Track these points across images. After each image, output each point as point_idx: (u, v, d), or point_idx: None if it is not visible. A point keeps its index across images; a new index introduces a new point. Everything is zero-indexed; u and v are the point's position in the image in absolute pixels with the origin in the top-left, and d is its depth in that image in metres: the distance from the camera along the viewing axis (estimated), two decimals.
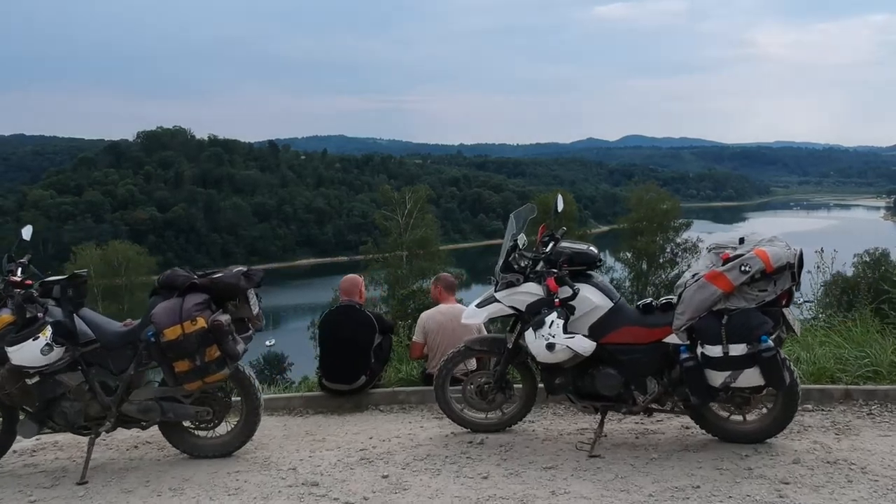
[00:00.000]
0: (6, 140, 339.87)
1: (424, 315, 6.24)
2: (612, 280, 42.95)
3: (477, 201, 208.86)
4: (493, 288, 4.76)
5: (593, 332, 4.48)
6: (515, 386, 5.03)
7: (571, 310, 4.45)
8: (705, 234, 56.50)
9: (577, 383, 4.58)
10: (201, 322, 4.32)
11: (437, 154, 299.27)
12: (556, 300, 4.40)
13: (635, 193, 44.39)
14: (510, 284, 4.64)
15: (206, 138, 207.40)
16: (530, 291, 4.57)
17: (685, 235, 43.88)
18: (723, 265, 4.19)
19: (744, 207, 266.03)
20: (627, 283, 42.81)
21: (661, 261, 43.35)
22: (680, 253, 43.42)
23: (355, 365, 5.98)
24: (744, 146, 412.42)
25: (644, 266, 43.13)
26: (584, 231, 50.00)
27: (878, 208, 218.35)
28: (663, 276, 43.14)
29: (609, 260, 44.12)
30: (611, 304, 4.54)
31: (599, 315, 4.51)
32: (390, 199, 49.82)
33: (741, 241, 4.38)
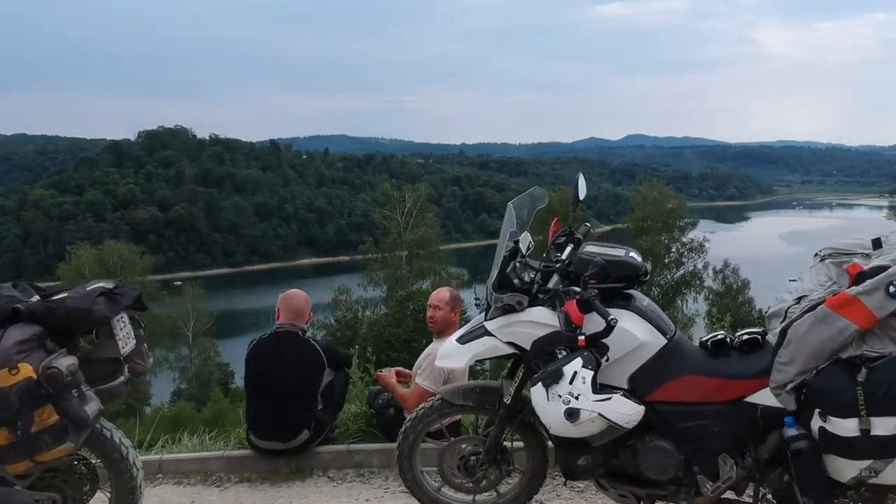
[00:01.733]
0: (8, 140, 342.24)
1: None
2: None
3: (479, 201, 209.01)
4: (483, 314, 3.22)
5: (637, 384, 2.98)
6: (516, 446, 3.49)
7: (603, 350, 2.90)
8: (709, 234, 55.22)
9: (610, 460, 3.05)
10: (26, 370, 2.82)
11: (439, 153, 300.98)
12: (581, 337, 2.82)
13: (640, 192, 43.13)
14: (508, 310, 3.08)
15: (207, 138, 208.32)
16: (539, 321, 3.02)
17: (691, 235, 42.53)
18: (854, 284, 2.62)
19: (746, 207, 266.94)
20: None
21: (666, 261, 42.15)
22: (686, 253, 42.23)
23: (294, 416, 4.42)
24: (746, 145, 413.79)
25: (649, 266, 41.76)
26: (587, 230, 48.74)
27: (880, 208, 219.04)
28: (669, 277, 41.85)
29: None
30: (663, 342, 3.00)
31: (646, 358, 2.98)
32: (390, 198, 48.80)
33: (877, 243, 2.79)
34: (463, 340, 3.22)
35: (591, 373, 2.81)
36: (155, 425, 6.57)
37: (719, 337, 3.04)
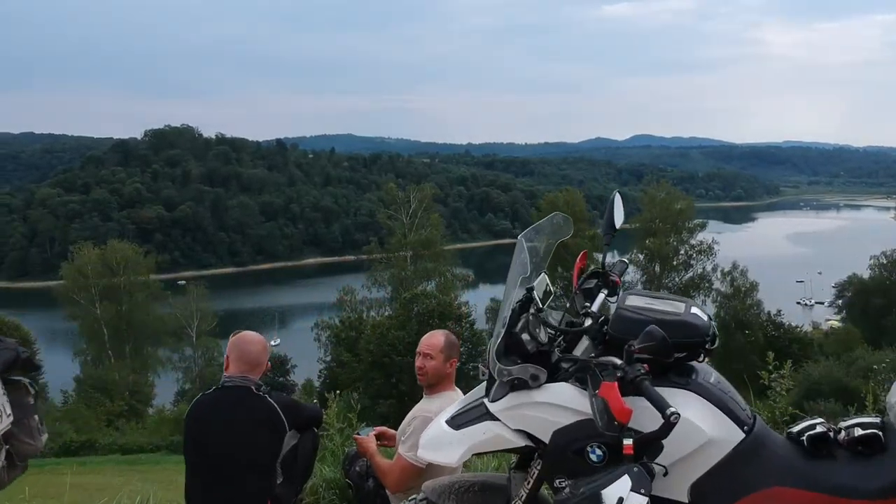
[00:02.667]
0: (16, 138, 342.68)
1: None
2: (623, 283, 40.88)
3: (485, 201, 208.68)
4: (485, 389, 2.31)
5: (702, 497, 2.10)
6: None
7: (656, 453, 2.04)
8: (715, 234, 54.69)
9: None
10: None
11: (445, 153, 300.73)
12: (628, 443, 1.92)
13: (648, 192, 42.42)
14: (519, 385, 2.17)
15: (213, 137, 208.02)
16: (562, 404, 2.13)
17: (700, 237, 41.73)
18: None
19: (753, 207, 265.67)
20: (639, 287, 40.77)
21: (674, 263, 41.33)
22: (694, 255, 41.36)
23: (246, 494, 3.49)
24: (753, 145, 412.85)
25: (657, 269, 41.09)
26: (594, 231, 48.25)
27: (888, 209, 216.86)
28: (677, 280, 41.18)
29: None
30: (739, 437, 2.09)
31: (716, 460, 2.08)
32: (395, 198, 48.08)
33: None
34: (456, 424, 2.29)
35: (644, 500, 1.87)
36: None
37: (818, 430, 2.11)
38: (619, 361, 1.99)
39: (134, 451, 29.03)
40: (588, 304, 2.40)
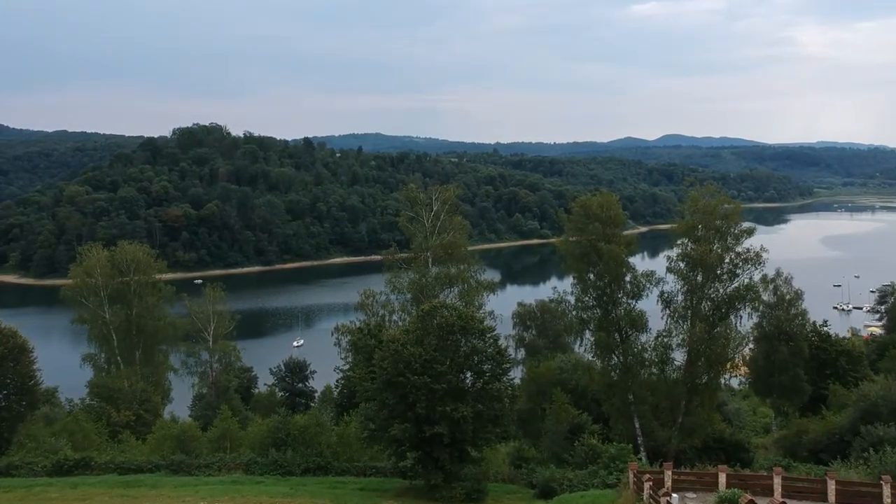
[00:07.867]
0: (49, 136, 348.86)
1: None
2: (662, 293, 38.23)
3: (512, 200, 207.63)
4: None
5: None
6: None
7: None
8: (753, 239, 51.81)
9: None
10: None
11: (474, 152, 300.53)
12: None
13: (691, 194, 39.24)
14: None
15: (241, 135, 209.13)
16: None
17: (747, 244, 38.58)
18: None
19: (786, 209, 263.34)
20: (680, 298, 37.81)
21: (718, 272, 37.96)
22: (740, 264, 38.00)
23: None
24: (785, 146, 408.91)
25: (699, 278, 37.85)
26: (630, 235, 45.67)
27: None
28: (721, 291, 37.94)
29: (659, 268, 39.57)
30: None
31: None
32: (416, 200, 44.69)
33: None
34: None
35: None
36: None
37: None
38: None
39: (132, 471, 27.15)
40: None
